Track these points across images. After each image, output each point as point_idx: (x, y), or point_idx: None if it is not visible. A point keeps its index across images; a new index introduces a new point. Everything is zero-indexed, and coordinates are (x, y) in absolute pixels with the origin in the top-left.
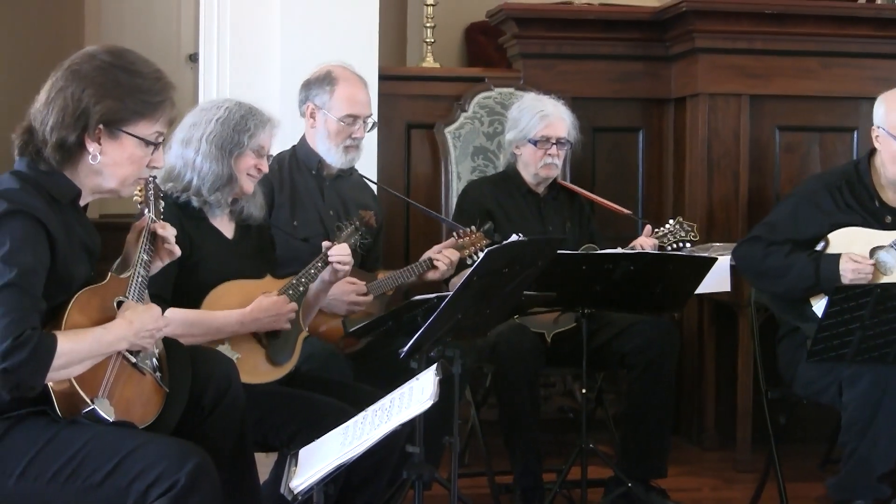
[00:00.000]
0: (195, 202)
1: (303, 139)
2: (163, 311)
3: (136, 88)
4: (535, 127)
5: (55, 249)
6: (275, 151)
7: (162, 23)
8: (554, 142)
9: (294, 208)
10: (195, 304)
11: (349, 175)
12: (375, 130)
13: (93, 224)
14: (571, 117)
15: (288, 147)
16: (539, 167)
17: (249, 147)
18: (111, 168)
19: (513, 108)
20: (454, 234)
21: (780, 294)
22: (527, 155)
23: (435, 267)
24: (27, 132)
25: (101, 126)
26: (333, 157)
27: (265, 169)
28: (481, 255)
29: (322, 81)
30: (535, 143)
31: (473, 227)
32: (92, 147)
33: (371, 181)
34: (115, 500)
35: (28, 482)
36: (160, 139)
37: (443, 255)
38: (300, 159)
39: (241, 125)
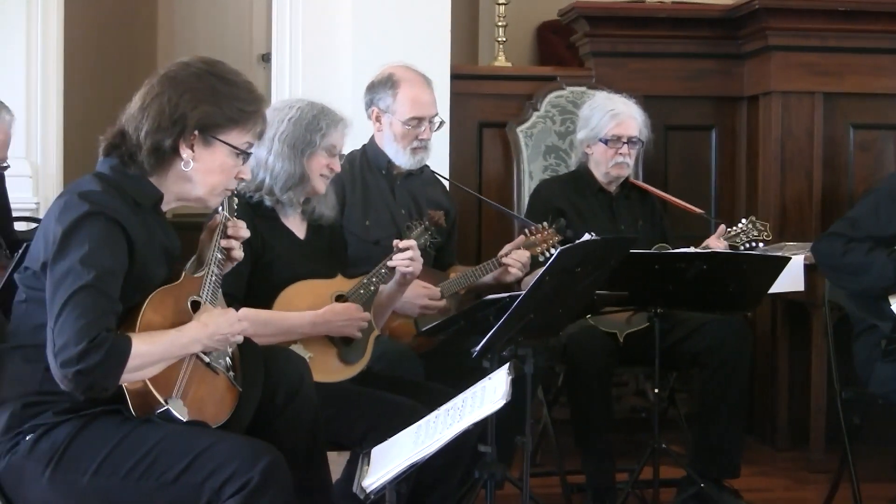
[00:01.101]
0: (268, 201)
1: (372, 139)
2: (236, 311)
3: (232, 96)
4: (607, 126)
5: (134, 252)
6: (347, 150)
7: (234, 23)
8: (625, 141)
9: (366, 208)
10: (267, 303)
11: (420, 173)
12: (448, 130)
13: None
14: (643, 116)
15: (359, 146)
16: (610, 166)
17: (321, 146)
18: (202, 175)
19: (584, 107)
20: (525, 231)
21: (858, 292)
22: (598, 154)
23: (506, 270)
24: (119, 136)
25: (196, 132)
26: (402, 159)
27: (337, 168)
28: (554, 251)
29: (385, 84)
30: (606, 142)
31: (545, 224)
32: (185, 153)
33: (443, 177)
34: (188, 498)
35: (102, 479)
36: (249, 150)
37: (512, 259)
38: (370, 159)
39: (313, 125)
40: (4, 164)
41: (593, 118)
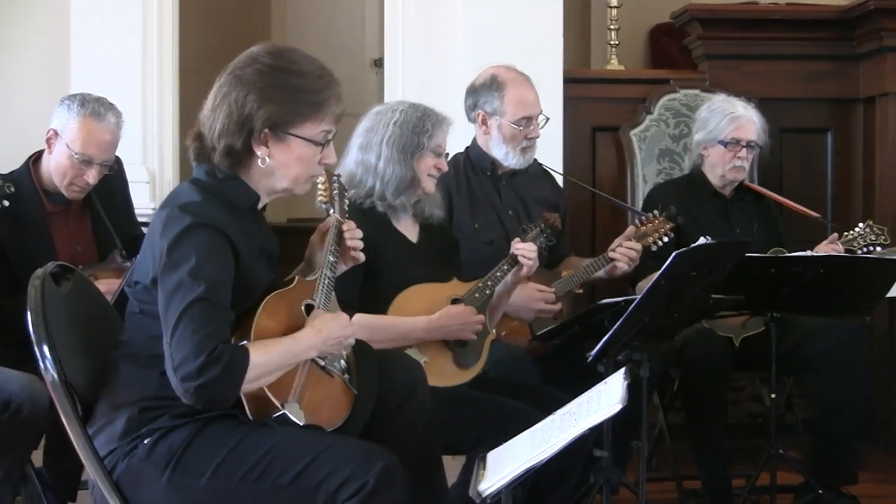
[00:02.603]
0: (380, 207)
1: (474, 141)
2: (350, 317)
3: (298, 89)
4: (726, 129)
5: (238, 258)
6: (454, 151)
7: (347, 28)
8: (744, 144)
9: (473, 211)
10: (381, 308)
11: (525, 171)
12: (561, 134)
13: (272, 228)
14: (762, 121)
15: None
16: (727, 169)
17: (429, 147)
18: (282, 169)
19: (702, 109)
20: (635, 222)
21: None
22: (715, 156)
23: (615, 265)
24: (198, 138)
25: (266, 130)
26: (512, 160)
27: (444, 167)
28: (666, 239)
29: (490, 87)
30: (725, 144)
31: (655, 213)
32: (260, 151)
33: (553, 170)
34: (303, 501)
35: (218, 482)
36: (329, 137)
37: (619, 253)
38: (474, 162)
39: (419, 126)
40: (113, 163)
41: (712, 120)
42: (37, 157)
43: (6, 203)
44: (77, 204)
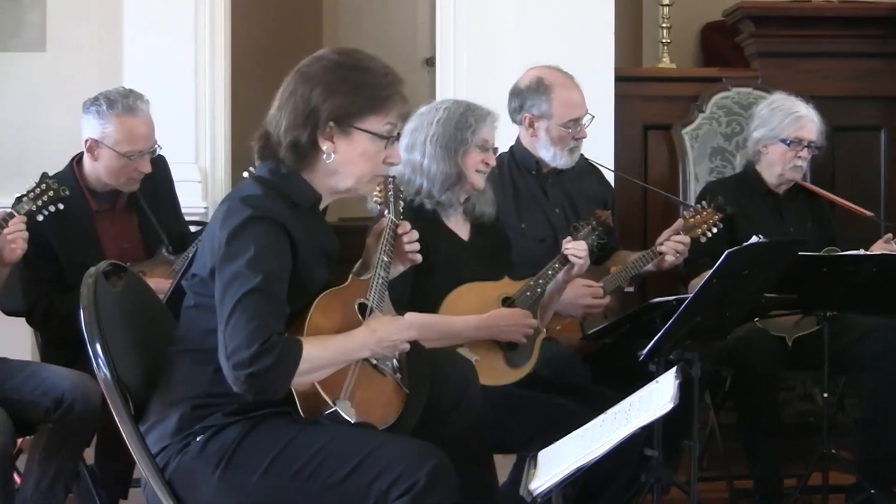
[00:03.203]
0: (428, 205)
1: (518, 141)
2: (401, 316)
3: (363, 83)
4: (789, 128)
5: (297, 253)
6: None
7: (398, 28)
8: (806, 144)
9: (520, 210)
10: (432, 307)
11: (570, 167)
12: (612, 132)
13: (332, 228)
14: (821, 122)
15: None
16: (787, 168)
17: (473, 143)
18: (346, 166)
19: (762, 106)
20: (683, 214)
21: None
22: (775, 154)
23: (664, 256)
24: (263, 137)
25: (331, 123)
26: (560, 161)
27: (492, 162)
28: (715, 230)
29: (536, 91)
30: (787, 143)
31: (703, 203)
32: (325, 146)
33: (601, 165)
34: (355, 499)
35: (271, 479)
36: (395, 133)
37: (667, 246)
38: (518, 161)
39: (462, 123)
40: (157, 147)
41: (774, 118)
42: (80, 158)
43: (61, 206)
44: (122, 202)
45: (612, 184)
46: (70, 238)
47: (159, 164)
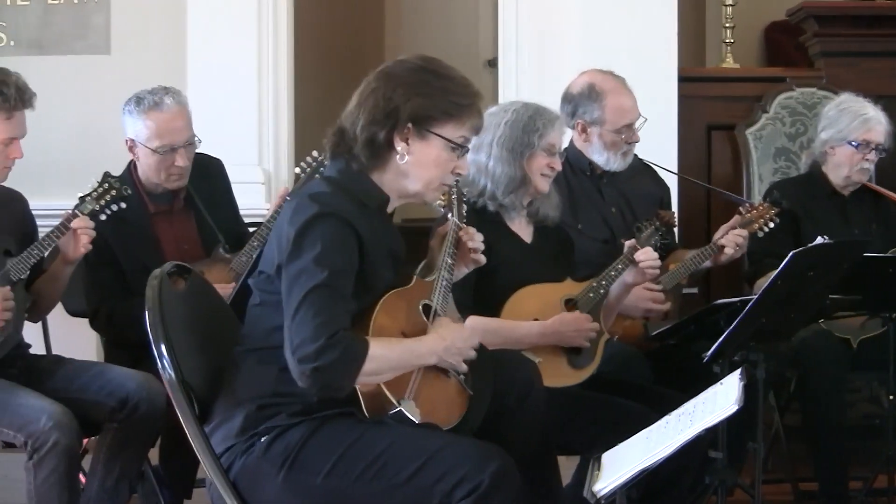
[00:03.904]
0: (491, 206)
1: (571, 143)
2: (464, 318)
3: (446, 90)
4: (857, 130)
5: (363, 252)
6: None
7: (461, 29)
8: (874, 147)
9: (576, 211)
10: (494, 309)
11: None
12: (675, 133)
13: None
14: (889, 123)
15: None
16: (854, 170)
17: (540, 147)
18: (417, 169)
19: (829, 107)
20: (739, 209)
21: None
22: (842, 156)
23: (722, 251)
24: (338, 134)
25: (410, 124)
26: (613, 165)
27: (558, 167)
28: (772, 225)
29: (588, 97)
30: (855, 145)
31: (759, 199)
32: (400, 146)
33: (657, 165)
34: (418, 500)
35: (335, 480)
36: (466, 145)
37: (728, 239)
38: (572, 162)
39: (529, 126)
40: (195, 139)
41: (842, 120)
42: (135, 163)
43: (123, 205)
44: (179, 204)
45: (673, 182)
46: (129, 241)
47: (215, 166)
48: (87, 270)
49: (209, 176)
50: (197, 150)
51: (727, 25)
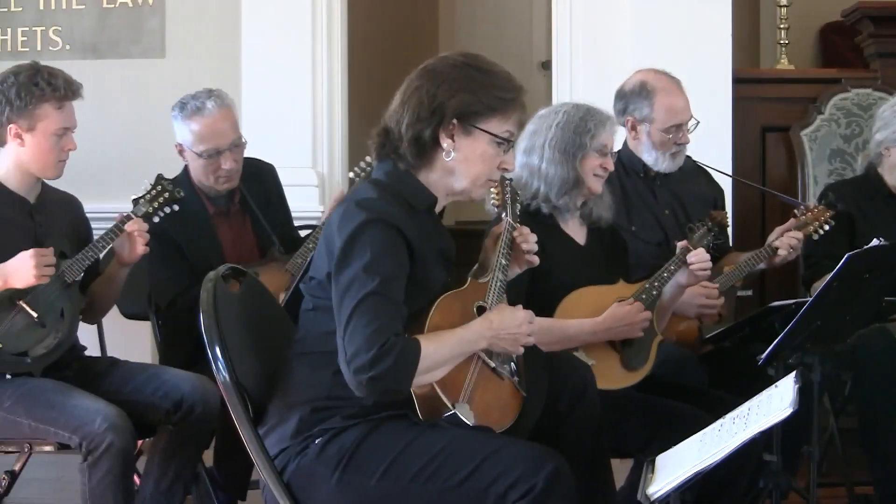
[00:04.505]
0: (545, 208)
1: (625, 144)
2: None
3: (490, 85)
4: None
5: (413, 256)
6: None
7: (514, 31)
8: None
9: (629, 213)
10: (547, 311)
11: (678, 168)
12: (730, 135)
13: (448, 230)
14: None
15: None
16: None
17: (592, 148)
18: (464, 166)
19: (884, 108)
20: (794, 212)
21: None
22: None
23: (776, 253)
24: (383, 133)
25: (455, 121)
26: (661, 165)
27: (610, 167)
28: (827, 227)
29: (639, 94)
30: None
31: (814, 201)
32: (446, 143)
33: (710, 167)
34: (473, 502)
35: (389, 482)
36: (512, 139)
37: (782, 241)
38: (625, 163)
39: (581, 127)
40: (242, 141)
41: None
42: None
43: (176, 207)
44: (235, 206)
45: (728, 185)
46: (194, 240)
47: (268, 170)
48: (157, 267)
49: (262, 180)
50: (250, 155)
51: (782, 26)
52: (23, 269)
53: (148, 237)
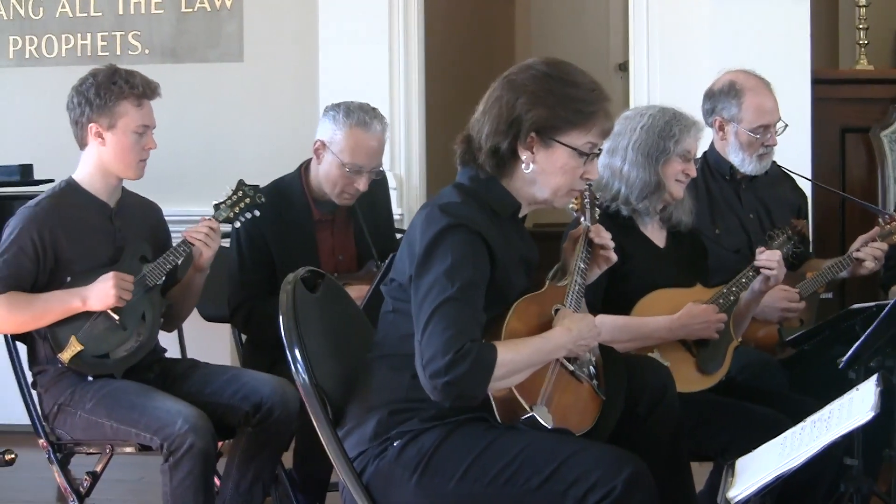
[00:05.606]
0: (624, 211)
1: (712, 145)
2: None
3: (569, 98)
4: None
5: (495, 261)
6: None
7: (591, 33)
8: None
9: (714, 216)
10: (624, 312)
11: (764, 174)
12: (809, 136)
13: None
14: None
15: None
16: None
17: (676, 153)
18: (544, 177)
19: None
20: (878, 220)
21: None
22: None
23: (860, 263)
24: (465, 141)
25: (533, 134)
26: (748, 167)
27: (693, 173)
28: None
29: (727, 94)
30: None
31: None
32: (525, 155)
33: (793, 173)
34: None
35: (467, 484)
36: (595, 150)
37: (866, 252)
38: (712, 166)
39: (665, 131)
40: (380, 169)
41: None
42: (307, 165)
43: (257, 213)
44: (342, 214)
45: (808, 189)
46: (290, 245)
47: (380, 183)
48: (239, 269)
49: (373, 191)
50: None
51: (860, 27)
52: (102, 292)
53: (219, 242)
